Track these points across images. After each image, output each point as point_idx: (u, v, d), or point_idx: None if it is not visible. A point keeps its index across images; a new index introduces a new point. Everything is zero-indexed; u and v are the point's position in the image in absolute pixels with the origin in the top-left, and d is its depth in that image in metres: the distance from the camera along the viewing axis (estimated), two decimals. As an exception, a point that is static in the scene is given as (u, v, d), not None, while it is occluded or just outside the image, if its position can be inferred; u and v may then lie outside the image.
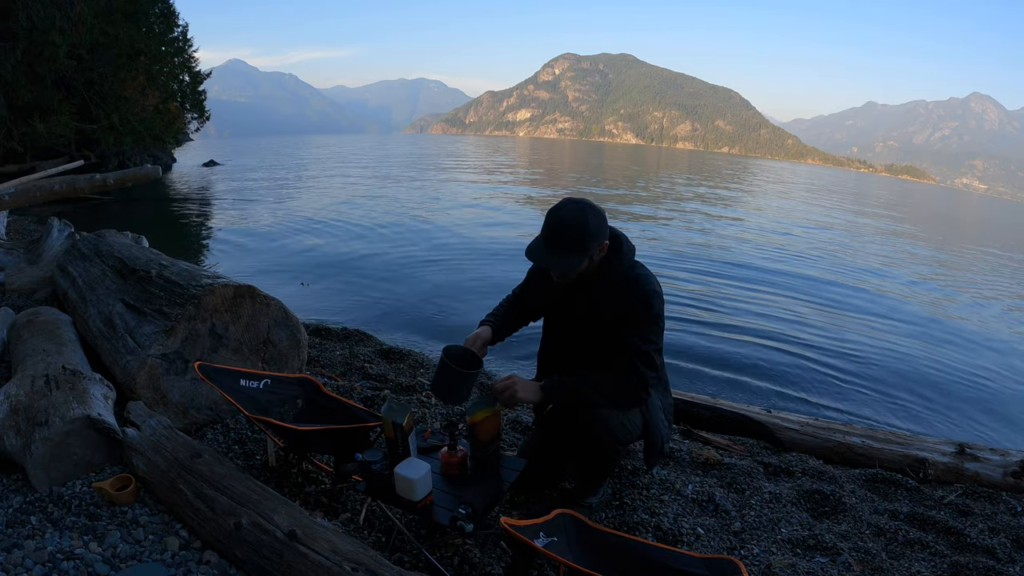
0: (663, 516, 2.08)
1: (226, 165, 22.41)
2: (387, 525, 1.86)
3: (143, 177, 9.73)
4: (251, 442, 2.31)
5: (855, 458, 2.83)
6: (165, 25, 16.40)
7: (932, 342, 6.11)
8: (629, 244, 1.86)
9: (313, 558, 1.43)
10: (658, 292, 1.81)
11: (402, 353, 3.87)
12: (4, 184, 7.83)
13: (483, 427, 1.77)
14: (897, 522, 2.27)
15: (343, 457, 1.89)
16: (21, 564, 1.46)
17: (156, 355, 2.29)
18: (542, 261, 1.75)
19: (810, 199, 26.59)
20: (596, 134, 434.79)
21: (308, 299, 5.67)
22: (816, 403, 4.22)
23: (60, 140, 13.16)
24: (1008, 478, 2.66)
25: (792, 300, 7.02)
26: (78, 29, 12.49)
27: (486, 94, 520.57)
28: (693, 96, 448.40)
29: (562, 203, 1.75)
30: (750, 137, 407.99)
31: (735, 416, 3.09)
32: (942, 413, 4.31)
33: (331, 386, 2.93)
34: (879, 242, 14.25)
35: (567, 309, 1.91)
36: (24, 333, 2.64)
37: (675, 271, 7.86)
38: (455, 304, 5.76)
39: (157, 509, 1.79)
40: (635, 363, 1.76)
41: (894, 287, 8.79)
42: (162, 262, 2.81)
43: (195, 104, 18.64)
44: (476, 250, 8.37)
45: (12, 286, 3.90)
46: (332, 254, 7.77)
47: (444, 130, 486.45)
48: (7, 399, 1.97)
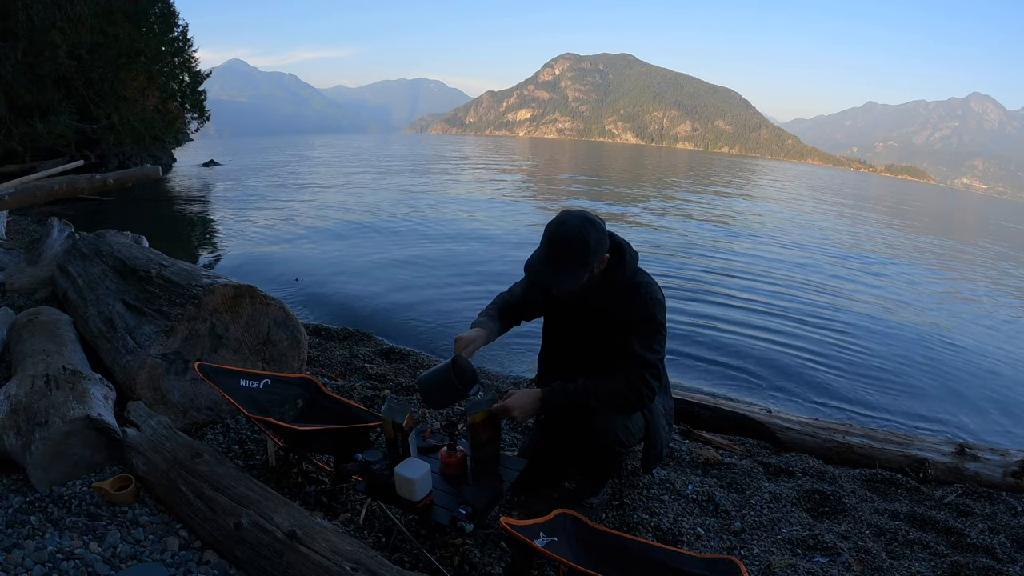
0: (663, 516, 2.08)
1: (226, 165, 22.40)
2: (387, 525, 1.86)
3: (143, 177, 9.75)
4: (251, 442, 2.31)
5: (855, 458, 2.83)
6: (165, 25, 16.39)
7: (933, 341, 6.11)
8: (632, 252, 1.84)
9: (313, 558, 1.43)
10: (660, 300, 1.81)
11: (402, 353, 3.87)
12: (4, 184, 7.83)
13: (483, 427, 1.76)
14: (897, 522, 2.27)
15: (343, 457, 1.90)
16: (21, 564, 1.46)
17: (156, 355, 2.29)
18: (543, 280, 1.73)
19: (810, 197, 26.59)
20: (596, 134, 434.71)
21: (308, 299, 5.67)
22: (816, 403, 4.22)
23: (60, 140, 13.15)
24: (1008, 478, 2.66)
25: (791, 300, 7.02)
26: (78, 29, 12.49)
27: (486, 94, 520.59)
28: (693, 96, 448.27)
29: (561, 218, 1.72)
30: (750, 137, 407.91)
31: (735, 416, 3.09)
32: (942, 412, 4.31)
33: (331, 386, 2.93)
34: (879, 237, 14.26)
35: (569, 316, 1.91)
36: (24, 333, 2.64)
37: (677, 270, 7.87)
38: (455, 304, 5.76)
39: (157, 509, 1.79)
40: (642, 373, 1.75)
41: (894, 287, 8.79)
42: (162, 262, 2.81)
43: (195, 104, 18.62)
44: (477, 250, 8.37)
45: (12, 286, 3.90)
46: (333, 254, 7.76)
47: (444, 130, 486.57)
48: (7, 399, 1.97)
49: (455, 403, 1.80)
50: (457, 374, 1.74)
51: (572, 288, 1.74)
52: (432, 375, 1.78)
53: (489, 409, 1.75)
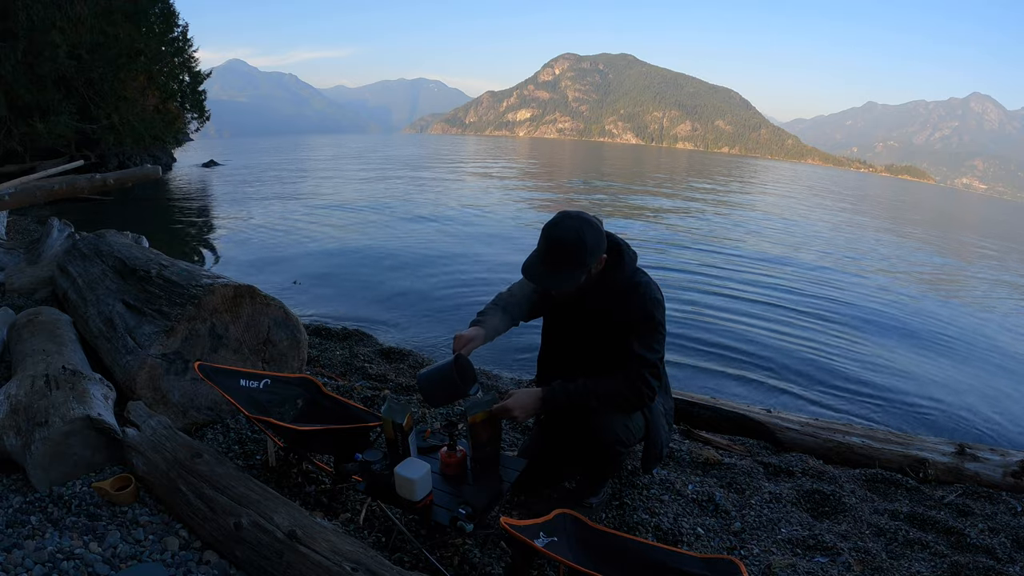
0: (663, 516, 2.08)
1: (226, 165, 22.39)
2: (387, 525, 1.86)
3: (143, 177, 9.74)
4: (251, 442, 2.31)
5: (855, 458, 2.83)
6: (165, 25, 16.40)
7: (933, 341, 6.11)
8: (630, 252, 1.84)
9: (313, 558, 1.43)
10: (659, 300, 1.81)
11: (402, 353, 3.87)
12: (4, 184, 7.83)
13: (483, 427, 1.76)
14: (897, 522, 2.27)
15: (343, 457, 1.89)
16: (21, 564, 1.46)
17: (156, 355, 2.29)
18: (541, 281, 1.74)
19: (811, 197, 26.58)
20: (596, 134, 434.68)
21: (308, 299, 5.67)
22: (816, 403, 4.22)
23: (60, 140, 13.16)
24: (1008, 478, 2.66)
25: (792, 299, 7.02)
26: (78, 29, 12.49)
27: (486, 94, 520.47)
28: (693, 96, 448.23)
29: (558, 219, 1.72)
30: (750, 137, 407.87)
31: (735, 416, 3.09)
32: (942, 412, 4.31)
33: (331, 386, 2.93)
34: (878, 239, 14.25)
35: (568, 316, 1.91)
36: (24, 333, 2.64)
37: (679, 268, 7.87)
38: (456, 304, 5.76)
39: (157, 509, 1.79)
40: (642, 372, 1.75)
41: (894, 287, 8.79)
42: (162, 262, 2.81)
43: (195, 104, 18.63)
44: (477, 250, 8.37)
45: (12, 286, 3.90)
46: (333, 254, 7.76)
47: (444, 130, 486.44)
48: (7, 399, 1.97)
49: (455, 401, 1.80)
50: (459, 371, 1.74)
51: (570, 289, 1.74)
52: (433, 372, 1.77)
53: (489, 409, 1.75)
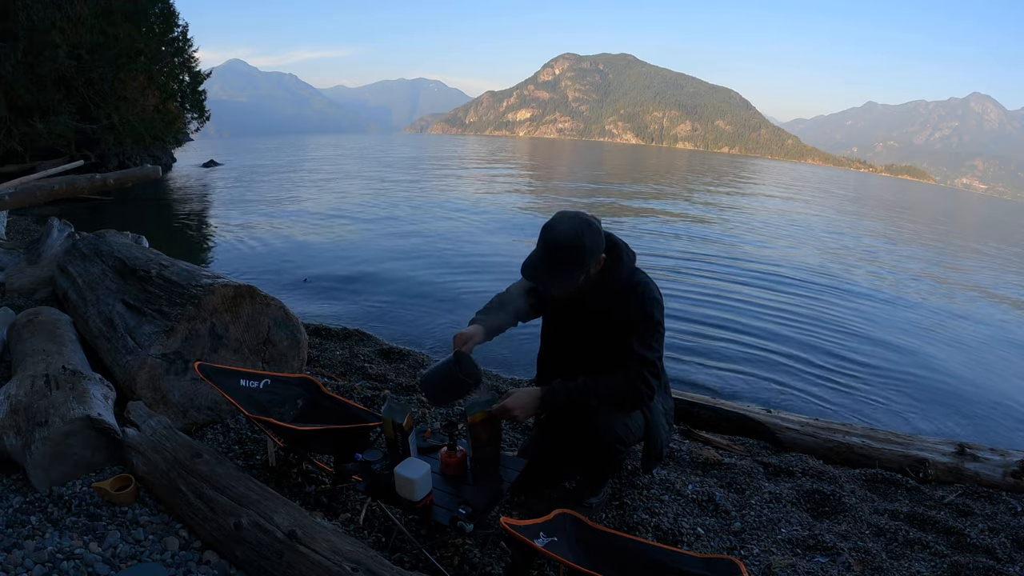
0: (663, 516, 2.08)
1: (226, 165, 22.40)
2: (387, 525, 1.86)
3: (143, 177, 9.72)
4: (251, 442, 2.31)
5: (855, 458, 2.83)
6: (165, 25, 16.39)
7: (933, 341, 6.11)
8: (629, 252, 1.84)
9: (313, 558, 1.43)
10: (658, 299, 1.81)
11: (402, 353, 3.87)
12: (4, 184, 7.82)
13: (483, 427, 1.76)
14: (897, 522, 2.27)
15: (343, 457, 1.89)
16: (21, 564, 1.46)
17: (156, 355, 2.29)
18: (539, 282, 1.75)
19: (811, 197, 26.58)
20: (596, 134, 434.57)
21: (308, 299, 5.67)
22: (816, 403, 4.22)
23: (60, 140, 13.16)
24: (1008, 478, 2.66)
25: (792, 299, 7.02)
26: (78, 29, 12.49)
27: (486, 94, 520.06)
28: (693, 96, 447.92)
29: (556, 220, 1.72)
30: (750, 137, 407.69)
31: (735, 416, 3.09)
32: (942, 412, 4.31)
33: (331, 386, 2.93)
34: (876, 240, 14.25)
35: (567, 316, 1.91)
36: (24, 333, 2.64)
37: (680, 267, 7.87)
38: (456, 304, 5.76)
39: (157, 509, 1.79)
40: (641, 372, 1.75)
41: (894, 286, 8.79)
42: (162, 262, 2.81)
43: (195, 104, 18.62)
44: (477, 250, 8.37)
45: (12, 286, 3.90)
46: (332, 254, 7.76)
47: (444, 130, 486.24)
48: (7, 399, 1.97)
49: (459, 399, 1.80)
50: (461, 369, 1.74)
51: (568, 289, 1.75)
52: (435, 371, 1.78)
53: (489, 409, 1.75)
